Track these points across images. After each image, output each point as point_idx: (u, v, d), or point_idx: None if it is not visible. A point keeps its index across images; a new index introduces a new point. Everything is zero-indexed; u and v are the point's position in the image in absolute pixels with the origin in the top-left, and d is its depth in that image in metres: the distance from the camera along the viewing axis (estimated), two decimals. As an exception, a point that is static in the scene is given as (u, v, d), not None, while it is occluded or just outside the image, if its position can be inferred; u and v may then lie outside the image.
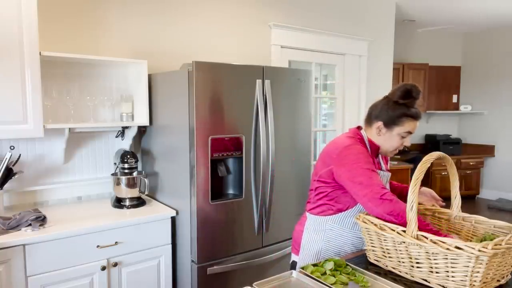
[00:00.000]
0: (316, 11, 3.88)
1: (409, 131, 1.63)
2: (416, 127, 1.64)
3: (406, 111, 1.61)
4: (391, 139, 1.65)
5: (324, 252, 1.72)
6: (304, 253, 1.79)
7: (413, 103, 1.62)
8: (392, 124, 1.63)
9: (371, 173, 1.53)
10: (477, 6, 4.97)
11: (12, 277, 1.91)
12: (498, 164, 6.42)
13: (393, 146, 1.67)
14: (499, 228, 1.48)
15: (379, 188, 1.50)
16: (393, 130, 1.64)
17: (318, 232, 1.74)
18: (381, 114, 1.66)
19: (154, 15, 2.88)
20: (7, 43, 2.04)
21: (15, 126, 2.11)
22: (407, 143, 1.66)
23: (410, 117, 1.61)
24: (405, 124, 1.62)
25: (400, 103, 1.61)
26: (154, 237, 2.36)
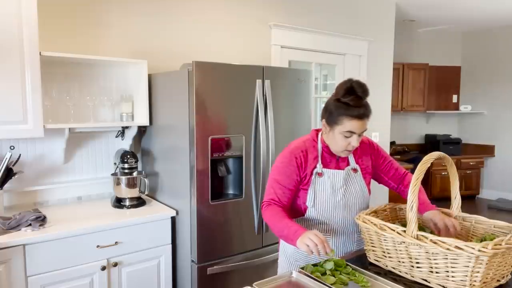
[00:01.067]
0: (316, 11, 3.88)
1: (351, 131, 1.53)
2: (359, 127, 1.53)
3: (346, 110, 1.52)
4: (334, 139, 1.58)
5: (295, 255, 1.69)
6: (281, 255, 1.79)
7: (356, 101, 1.51)
8: (333, 123, 1.56)
9: (273, 183, 1.64)
10: (477, 6, 4.97)
11: (12, 277, 1.91)
12: (498, 164, 6.42)
13: (339, 146, 1.58)
14: (499, 228, 1.48)
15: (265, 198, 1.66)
16: (335, 129, 1.56)
17: None
18: (325, 112, 1.59)
19: (154, 15, 2.88)
20: (7, 43, 2.04)
21: (15, 126, 2.11)
22: (354, 144, 1.56)
23: (349, 116, 1.51)
24: (345, 123, 1.53)
25: (341, 101, 1.53)
26: (154, 237, 2.36)
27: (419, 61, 6.38)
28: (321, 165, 1.64)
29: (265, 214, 1.62)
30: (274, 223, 1.56)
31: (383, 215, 1.69)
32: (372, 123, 4.97)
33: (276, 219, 1.56)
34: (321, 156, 1.66)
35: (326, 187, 1.64)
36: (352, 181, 1.69)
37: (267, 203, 1.64)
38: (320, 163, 1.65)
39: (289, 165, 1.63)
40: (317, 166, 1.64)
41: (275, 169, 1.67)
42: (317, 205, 1.65)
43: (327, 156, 1.67)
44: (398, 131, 6.43)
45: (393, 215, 1.74)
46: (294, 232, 1.48)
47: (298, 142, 1.69)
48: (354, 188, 1.69)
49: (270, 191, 1.65)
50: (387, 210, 1.72)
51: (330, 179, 1.65)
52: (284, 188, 1.63)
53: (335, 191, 1.65)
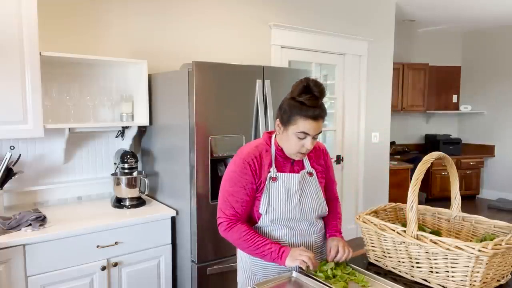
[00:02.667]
0: (316, 11, 3.88)
1: (304, 132, 1.45)
2: (314, 128, 1.45)
3: (300, 109, 1.43)
4: (288, 140, 1.49)
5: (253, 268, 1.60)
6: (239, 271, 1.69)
7: (311, 101, 1.43)
8: (287, 123, 1.47)
9: (228, 197, 1.54)
10: (477, 6, 4.97)
11: (12, 277, 1.91)
12: (498, 164, 6.42)
13: (292, 148, 1.50)
14: (499, 228, 1.48)
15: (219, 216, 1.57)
16: (289, 129, 1.47)
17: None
18: (280, 111, 1.51)
19: (154, 15, 2.88)
20: (7, 43, 2.04)
21: (15, 126, 2.11)
22: (308, 146, 1.47)
23: (303, 117, 1.43)
24: (298, 123, 1.44)
25: (296, 100, 1.45)
26: (154, 237, 2.36)
27: (419, 61, 6.38)
28: (275, 169, 1.54)
29: (231, 236, 1.52)
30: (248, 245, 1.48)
31: (383, 215, 1.69)
32: (372, 123, 4.99)
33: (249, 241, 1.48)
34: (274, 160, 1.56)
35: (281, 192, 1.54)
36: (307, 185, 1.60)
37: (227, 222, 1.53)
38: (274, 167, 1.55)
39: (242, 174, 1.51)
40: (271, 171, 1.54)
41: (227, 180, 1.55)
42: (271, 212, 1.54)
43: (281, 160, 1.57)
44: (398, 131, 6.43)
45: (393, 215, 1.74)
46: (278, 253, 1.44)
47: (250, 148, 1.57)
48: (310, 193, 1.60)
49: (226, 205, 1.53)
50: (387, 210, 1.72)
51: (285, 184, 1.55)
52: (241, 201, 1.52)
53: (290, 196, 1.55)
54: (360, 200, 4.50)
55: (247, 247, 1.49)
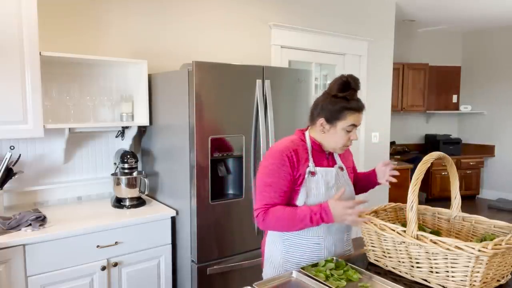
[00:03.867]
0: (316, 11, 3.88)
1: (353, 124, 1.56)
2: (360, 119, 1.57)
3: (346, 104, 1.53)
4: (335, 135, 1.57)
5: (284, 264, 1.62)
6: (266, 267, 1.70)
7: (353, 94, 1.54)
8: (334, 119, 1.56)
9: (265, 188, 1.55)
10: (477, 6, 4.97)
11: (12, 277, 1.91)
12: (498, 164, 6.42)
13: (339, 142, 1.59)
14: (499, 228, 1.48)
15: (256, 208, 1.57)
16: (336, 125, 1.56)
17: (276, 243, 1.66)
18: (322, 111, 1.58)
19: (154, 15, 2.88)
20: (7, 43, 2.04)
21: (15, 126, 2.11)
22: (354, 137, 1.59)
23: (351, 110, 1.54)
24: (347, 118, 1.54)
25: (339, 96, 1.54)
26: (154, 237, 2.36)
27: (419, 61, 6.38)
28: (313, 164, 1.60)
29: (269, 220, 1.52)
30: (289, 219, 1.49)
31: (383, 215, 1.69)
32: (372, 123, 4.99)
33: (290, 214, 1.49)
34: (311, 154, 1.62)
35: (320, 186, 1.59)
36: (341, 179, 1.67)
37: (263, 211, 1.54)
38: (312, 161, 1.61)
39: (281, 165, 1.54)
40: (310, 165, 1.59)
41: (264, 172, 1.57)
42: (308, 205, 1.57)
43: (317, 155, 1.64)
44: (398, 131, 6.43)
45: (393, 215, 1.74)
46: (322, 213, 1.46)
47: (286, 142, 1.63)
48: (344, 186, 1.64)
49: (263, 196, 1.55)
50: (387, 210, 1.72)
51: (324, 177, 1.60)
52: (279, 191, 1.54)
53: (328, 189, 1.61)
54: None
55: (289, 221, 1.49)
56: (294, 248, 1.61)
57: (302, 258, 1.60)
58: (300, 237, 1.60)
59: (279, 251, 1.64)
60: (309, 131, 1.67)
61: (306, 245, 1.60)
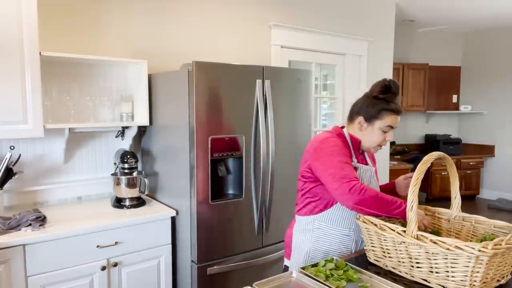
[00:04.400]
0: (316, 11, 3.88)
1: (390, 125, 1.64)
2: (397, 121, 1.65)
3: (386, 106, 1.63)
4: (372, 134, 1.66)
5: (312, 253, 1.71)
6: (295, 256, 1.78)
7: (392, 98, 1.64)
8: (373, 119, 1.65)
9: (343, 165, 1.54)
10: (477, 6, 4.97)
11: (12, 277, 1.91)
12: (498, 164, 6.42)
13: (375, 142, 1.67)
14: (499, 228, 1.48)
15: (348, 179, 1.50)
16: (374, 124, 1.65)
17: (306, 232, 1.74)
18: (362, 110, 1.68)
19: (154, 15, 2.88)
20: (7, 43, 2.04)
21: (15, 126, 2.11)
22: (389, 138, 1.66)
23: (390, 111, 1.63)
24: (385, 118, 1.63)
25: (380, 97, 1.64)
26: (154, 237, 2.36)
27: (419, 61, 6.38)
28: (355, 160, 1.69)
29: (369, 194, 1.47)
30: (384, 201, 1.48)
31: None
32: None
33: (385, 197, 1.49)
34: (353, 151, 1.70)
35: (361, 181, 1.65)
36: (372, 179, 1.75)
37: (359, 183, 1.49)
38: (355, 157, 1.69)
39: (341, 148, 1.60)
40: (353, 160, 1.67)
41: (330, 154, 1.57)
42: None
43: (355, 152, 1.71)
44: (398, 131, 6.43)
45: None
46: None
47: (329, 134, 1.68)
48: (373, 186, 1.74)
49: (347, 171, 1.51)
50: (387, 210, 1.72)
51: (362, 174, 1.68)
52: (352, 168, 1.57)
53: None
54: (360, 200, 4.49)
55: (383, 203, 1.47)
56: (324, 238, 1.69)
57: (330, 248, 1.68)
58: (331, 228, 1.68)
59: (309, 240, 1.71)
60: (347, 129, 1.74)
61: (337, 235, 1.68)
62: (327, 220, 1.69)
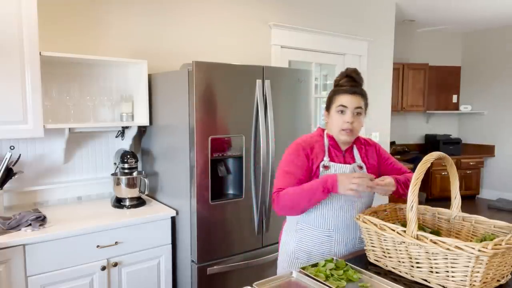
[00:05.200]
0: (316, 11, 3.88)
1: (342, 104, 1.64)
2: (350, 100, 1.63)
3: (338, 89, 1.67)
4: (332, 120, 1.68)
5: (297, 253, 1.72)
6: (281, 255, 1.81)
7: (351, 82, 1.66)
8: (329, 106, 1.70)
9: (283, 176, 1.65)
10: (477, 6, 4.97)
11: (12, 277, 1.91)
12: (498, 164, 6.42)
13: (336, 126, 1.67)
14: (499, 228, 1.48)
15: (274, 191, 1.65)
16: (331, 110, 1.68)
17: (292, 232, 1.76)
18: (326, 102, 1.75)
19: (154, 15, 2.88)
20: (7, 43, 2.04)
21: (15, 126, 2.11)
22: (347, 118, 1.63)
23: (339, 92, 1.66)
24: (337, 100, 1.66)
25: (336, 84, 1.70)
26: (154, 237, 2.36)
27: (419, 61, 6.38)
28: (328, 159, 1.68)
29: (282, 200, 1.60)
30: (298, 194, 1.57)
31: (383, 215, 1.69)
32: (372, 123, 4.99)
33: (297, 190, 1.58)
34: (327, 150, 1.70)
35: None
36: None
37: (276, 193, 1.63)
38: (327, 156, 1.68)
39: (296, 155, 1.66)
40: (324, 159, 1.67)
41: (283, 162, 1.69)
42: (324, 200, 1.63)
43: (333, 151, 1.71)
44: (398, 131, 6.43)
45: (393, 215, 1.74)
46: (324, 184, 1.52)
47: (304, 137, 1.75)
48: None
49: (278, 181, 1.66)
50: (387, 210, 1.72)
51: (337, 172, 1.66)
52: (295, 179, 1.63)
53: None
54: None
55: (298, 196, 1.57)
56: (307, 239, 1.70)
57: (313, 248, 1.68)
58: (312, 229, 1.69)
59: (293, 240, 1.74)
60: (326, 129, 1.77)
61: (318, 236, 1.68)
62: (307, 221, 1.70)
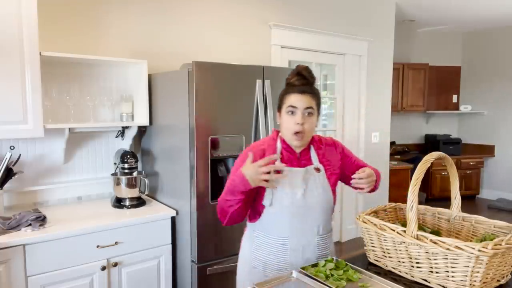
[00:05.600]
0: (316, 11, 3.88)
1: (292, 105, 1.52)
2: (299, 100, 1.52)
3: (288, 88, 1.57)
4: (283, 122, 1.57)
5: (253, 261, 1.62)
6: (240, 263, 1.72)
7: (301, 80, 1.55)
8: (280, 107, 1.58)
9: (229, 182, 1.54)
10: (477, 6, 4.97)
11: (12, 277, 1.91)
12: (498, 164, 6.42)
13: (287, 129, 1.55)
14: (499, 228, 1.48)
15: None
16: (282, 111, 1.57)
17: (249, 240, 1.67)
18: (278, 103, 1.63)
19: (154, 15, 2.88)
20: (7, 43, 2.04)
21: (15, 126, 2.11)
22: (297, 120, 1.51)
23: (288, 92, 1.55)
24: (286, 100, 1.55)
25: (286, 83, 1.59)
26: (154, 237, 2.36)
27: (419, 61, 6.38)
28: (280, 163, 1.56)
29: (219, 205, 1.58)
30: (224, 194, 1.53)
31: (383, 215, 1.69)
32: (372, 123, 4.99)
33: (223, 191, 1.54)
34: (280, 154, 1.59)
35: (285, 185, 1.55)
36: (313, 181, 1.60)
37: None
38: (279, 160, 1.57)
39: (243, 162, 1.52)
40: (275, 164, 1.52)
41: (233, 169, 1.60)
42: (275, 204, 1.55)
43: (287, 154, 1.60)
44: (398, 131, 6.43)
45: (393, 215, 1.74)
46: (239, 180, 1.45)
47: (257, 142, 1.67)
48: (316, 189, 1.59)
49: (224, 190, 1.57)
50: (387, 210, 1.72)
51: (289, 177, 1.55)
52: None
53: (294, 190, 1.55)
54: (360, 200, 4.50)
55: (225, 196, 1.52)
56: (262, 247, 1.61)
57: (268, 257, 1.58)
58: (266, 236, 1.60)
59: (249, 248, 1.65)
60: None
61: (272, 244, 1.58)
62: (261, 228, 1.61)
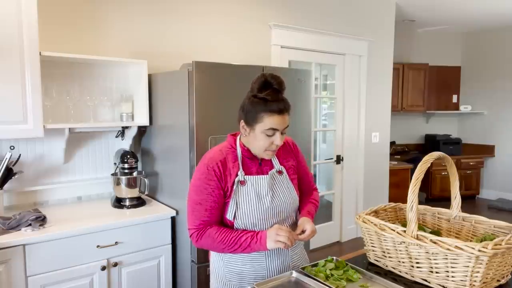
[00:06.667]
0: (316, 11, 3.88)
1: (273, 128, 1.40)
2: (281, 122, 1.41)
3: (264, 107, 1.38)
4: (256, 139, 1.43)
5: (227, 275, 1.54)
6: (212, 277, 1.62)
7: (274, 95, 1.39)
8: (252, 122, 1.42)
9: (194, 208, 1.46)
10: (477, 6, 4.97)
11: (12, 277, 1.91)
12: (498, 164, 6.42)
13: (261, 146, 1.44)
14: (499, 228, 1.48)
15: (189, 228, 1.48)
16: (255, 128, 1.41)
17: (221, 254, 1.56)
18: (243, 112, 1.44)
19: (154, 15, 2.88)
20: (7, 43, 2.04)
21: (15, 126, 2.11)
22: (277, 142, 1.42)
23: (269, 112, 1.38)
24: (265, 121, 1.39)
25: (259, 97, 1.39)
26: (154, 237, 2.36)
27: (419, 61, 6.38)
28: (243, 172, 1.48)
29: (205, 243, 1.45)
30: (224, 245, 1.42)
31: (383, 215, 1.69)
32: (372, 123, 4.98)
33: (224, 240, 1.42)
34: (241, 162, 1.49)
35: (251, 196, 1.47)
36: (279, 185, 1.54)
37: (196, 233, 1.45)
38: (242, 170, 1.48)
39: (207, 180, 1.44)
40: (239, 174, 1.47)
41: (192, 189, 1.47)
42: (240, 217, 1.47)
43: (248, 161, 1.51)
44: (398, 131, 6.43)
45: (393, 215, 1.74)
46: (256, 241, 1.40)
47: (214, 152, 1.51)
48: (282, 192, 1.53)
49: (194, 215, 1.46)
50: (387, 210, 1.72)
51: (254, 187, 1.48)
52: (210, 209, 1.44)
53: (261, 198, 1.48)
54: (360, 200, 4.50)
55: (224, 247, 1.43)
56: (234, 257, 1.53)
57: (243, 267, 1.52)
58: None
59: (223, 262, 1.56)
60: (239, 136, 1.53)
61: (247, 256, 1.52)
62: None
